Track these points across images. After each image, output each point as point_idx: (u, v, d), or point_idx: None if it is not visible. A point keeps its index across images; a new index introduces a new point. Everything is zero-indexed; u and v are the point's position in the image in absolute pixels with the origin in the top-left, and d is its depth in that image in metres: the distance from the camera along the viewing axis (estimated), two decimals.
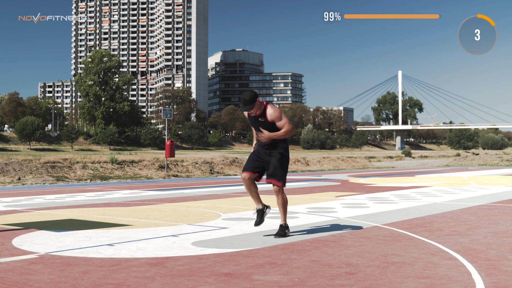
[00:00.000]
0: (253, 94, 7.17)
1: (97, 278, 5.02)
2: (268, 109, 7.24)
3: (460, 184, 20.10)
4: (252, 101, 7.14)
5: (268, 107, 7.26)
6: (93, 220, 9.42)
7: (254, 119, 7.33)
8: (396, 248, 6.58)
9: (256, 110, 7.22)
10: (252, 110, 7.19)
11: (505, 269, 5.38)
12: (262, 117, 7.25)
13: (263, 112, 7.26)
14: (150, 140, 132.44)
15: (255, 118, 7.31)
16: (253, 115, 7.31)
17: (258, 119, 7.28)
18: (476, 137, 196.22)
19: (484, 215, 10.12)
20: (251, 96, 7.14)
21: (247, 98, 7.14)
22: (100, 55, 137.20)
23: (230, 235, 7.59)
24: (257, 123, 7.30)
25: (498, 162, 53.18)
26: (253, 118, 7.34)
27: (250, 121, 7.46)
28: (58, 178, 23.88)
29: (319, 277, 5.05)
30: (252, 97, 7.14)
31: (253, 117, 7.33)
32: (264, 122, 7.24)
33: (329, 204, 12.21)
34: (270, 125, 7.23)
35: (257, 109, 7.22)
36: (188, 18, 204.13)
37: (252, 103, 7.14)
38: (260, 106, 7.26)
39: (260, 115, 7.26)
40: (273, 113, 7.20)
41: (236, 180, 24.52)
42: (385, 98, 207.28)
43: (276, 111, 7.22)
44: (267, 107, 7.27)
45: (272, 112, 7.20)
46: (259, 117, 7.26)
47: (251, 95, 7.16)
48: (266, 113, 7.22)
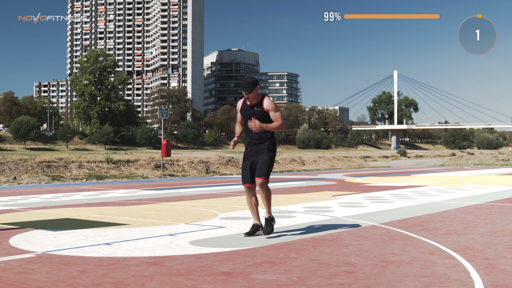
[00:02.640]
0: (255, 79, 7.39)
1: (95, 277, 5.01)
2: (265, 99, 7.39)
3: (456, 183, 20.13)
4: (253, 84, 7.31)
5: (265, 98, 7.41)
6: (90, 220, 9.40)
7: (249, 108, 7.43)
8: (394, 247, 6.58)
9: (254, 97, 7.35)
10: (250, 94, 7.30)
11: (503, 268, 5.39)
12: (258, 106, 7.38)
13: (259, 102, 7.39)
14: (146, 139, 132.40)
15: (250, 108, 7.42)
16: (248, 105, 7.43)
17: (253, 108, 7.39)
18: (471, 137, 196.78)
19: (480, 214, 10.14)
20: (253, 81, 7.34)
21: (249, 81, 7.32)
22: (96, 55, 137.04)
23: (227, 234, 7.58)
24: (251, 112, 7.38)
25: (494, 162, 53.29)
26: (247, 107, 7.44)
27: (242, 111, 7.53)
28: (54, 177, 23.83)
29: (318, 276, 5.05)
30: (254, 82, 7.33)
31: (248, 107, 7.44)
32: (259, 112, 7.35)
33: (326, 203, 12.21)
34: (264, 116, 7.34)
35: (255, 97, 7.35)
36: (184, 18, 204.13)
37: (253, 86, 7.29)
38: (258, 96, 7.39)
39: (256, 105, 7.38)
40: (270, 103, 7.35)
41: (232, 179, 24.51)
42: (381, 97, 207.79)
43: (273, 103, 7.39)
44: (264, 98, 7.42)
45: (269, 103, 7.36)
46: (255, 106, 7.39)
47: (253, 79, 7.37)
48: (263, 103, 7.36)
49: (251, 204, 7.56)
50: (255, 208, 7.56)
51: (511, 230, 8.05)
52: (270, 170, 7.43)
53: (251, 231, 7.51)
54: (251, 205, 7.57)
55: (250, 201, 7.56)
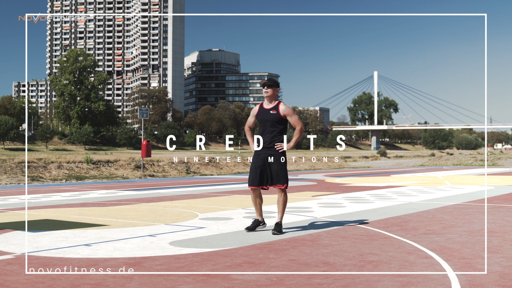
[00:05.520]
0: (278, 82, 7.87)
1: (74, 278, 5.01)
2: (281, 104, 7.79)
3: (435, 183, 20.29)
4: (276, 83, 7.83)
5: (281, 103, 7.81)
6: (70, 220, 9.36)
7: (265, 112, 7.78)
8: (373, 247, 6.64)
9: (272, 95, 7.78)
10: (270, 89, 7.75)
11: (479, 267, 5.46)
12: (274, 109, 7.74)
13: (275, 106, 7.76)
14: (126, 140, 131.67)
15: (266, 111, 7.77)
16: (264, 109, 7.79)
17: (269, 112, 7.74)
18: (451, 137, 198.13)
19: (458, 214, 10.24)
20: (276, 81, 7.85)
21: (274, 79, 7.93)
22: (76, 54, 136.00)
23: (207, 235, 7.60)
24: (268, 116, 7.73)
25: (472, 162, 53.75)
26: (264, 111, 7.80)
27: (258, 115, 7.87)
28: (33, 178, 23.67)
29: (297, 276, 5.08)
30: (277, 82, 7.85)
31: (264, 110, 7.79)
32: (275, 115, 7.70)
33: (306, 204, 12.25)
34: (279, 120, 7.71)
35: (273, 95, 7.80)
36: (165, 18, 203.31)
37: (276, 85, 7.82)
38: (275, 100, 7.83)
39: (272, 109, 7.75)
40: (286, 108, 7.75)
41: (212, 180, 24.50)
42: (361, 98, 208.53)
43: (289, 108, 7.76)
44: (280, 103, 7.82)
45: (285, 108, 7.75)
46: (271, 109, 7.75)
47: (277, 81, 7.87)
48: (279, 107, 7.73)
49: (255, 203, 7.96)
50: (259, 206, 7.96)
51: (488, 230, 8.14)
52: (286, 173, 7.82)
53: (252, 226, 7.93)
54: (255, 203, 7.96)
55: (255, 200, 7.95)
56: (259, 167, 7.75)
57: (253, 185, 7.80)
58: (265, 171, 7.74)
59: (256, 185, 7.77)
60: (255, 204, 7.97)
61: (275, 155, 7.71)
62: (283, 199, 7.83)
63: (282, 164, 7.72)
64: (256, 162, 7.80)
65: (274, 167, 7.70)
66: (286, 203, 7.90)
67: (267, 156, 7.73)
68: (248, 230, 7.88)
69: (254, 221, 7.99)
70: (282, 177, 7.71)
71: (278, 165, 7.69)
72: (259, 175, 7.74)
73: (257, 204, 7.94)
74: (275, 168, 7.69)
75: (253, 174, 7.80)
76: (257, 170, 7.75)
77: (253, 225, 7.93)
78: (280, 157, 7.71)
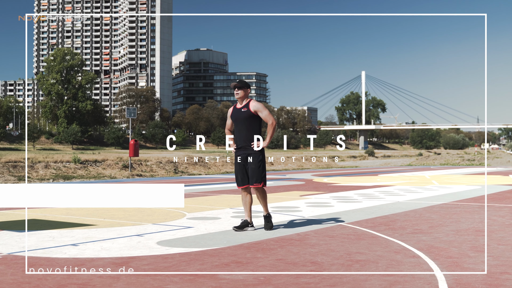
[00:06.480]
0: (248, 83, 8.20)
1: (61, 278, 4.98)
2: (252, 101, 8.03)
3: (422, 183, 20.37)
4: (246, 85, 8.11)
5: (252, 100, 8.05)
6: (56, 220, 9.32)
7: (237, 111, 8.02)
8: (360, 246, 6.65)
9: (242, 95, 8.02)
10: (240, 90, 8.00)
11: (466, 266, 5.49)
12: (245, 107, 7.97)
13: (246, 104, 7.99)
14: (114, 139, 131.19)
15: (238, 110, 8.01)
16: (236, 108, 8.05)
17: (241, 110, 7.97)
18: (438, 137, 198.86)
19: (445, 213, 10.28)
20: (246, 82, 8.15)
21: (244, 80, 8.34)
22: (63, 53, 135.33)
23: (195, 235, 7.59)
24: (239, 114, 7.96)
25: (460, 162, 54.02)
26: (236, 110, 8.05)
27: (232, 115, 8.11)
28: (20, 177, 23.55)
29: (285, 276, 5.09)
30: (247, 84, 8.15)
31: (236, 110, 8.05)
32: (246, 112, 7.92)
33: (294, 203, 12.26)
34: (251, 116, 7.91)
35: (243, 95, 8.04)
36: (152, 17, 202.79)
37: (245, 87, 8.08)
38: (246, 99, 8.09)
39: (243, 106, 7.99)
40: (256, 104, 7.97)
41: (200, 179, 24.47)
42: (349, 98, 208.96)
43: (259, 103, 7.97)
44: (251, 100, 8.05)
45: (255, 104, 7.97)
46: (242, 108, 7.98)
47: (247, 82, 8.18)
48: (249, 104, 7.95)
49: (245, 202, 8.09)
50: (248, 205, 8.06)
51: (475, 229, 8.19)
52: (263, 172, 7.96)
53: (240, 225, 8.02)
54: (245, 203, 8.09)
55: (245, 199, 8.09)
56: (242, 168, 7.96)
57: (240, 185, 8.01)
58: (246, 171, 7.97)
59: (242, 184, 7.99)
60: (244, 204, 8.08)
61: (253, 154, 7.89)
62: (262, 195, 8.03)
63: (259, 163, 7.88)
64: (239, 163, 7.98)
65: (251, 166, 7.88)
66: (266, 196, 8.11)
67: (246, 155, 7.92)
68: (236, 229, 7.93)
69: (243, 221, 8.05)
70: (258, 175, 7.88)
71: (255, 164, 7.88)
72: (242, 175, 7.97)
73: (247, 203, 8.05)
74: (252, 167, 7.88)
75: (240, 174, 7.99)
76: (241, 170, 7.97)
77: (241, 224, 8.00)
78: (258, 156, 7.90)
